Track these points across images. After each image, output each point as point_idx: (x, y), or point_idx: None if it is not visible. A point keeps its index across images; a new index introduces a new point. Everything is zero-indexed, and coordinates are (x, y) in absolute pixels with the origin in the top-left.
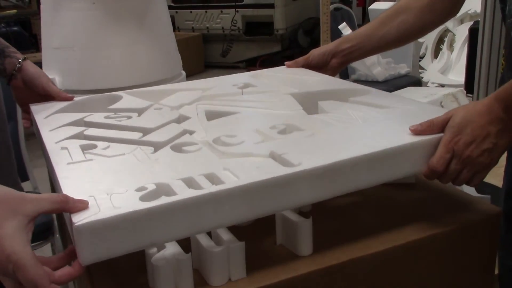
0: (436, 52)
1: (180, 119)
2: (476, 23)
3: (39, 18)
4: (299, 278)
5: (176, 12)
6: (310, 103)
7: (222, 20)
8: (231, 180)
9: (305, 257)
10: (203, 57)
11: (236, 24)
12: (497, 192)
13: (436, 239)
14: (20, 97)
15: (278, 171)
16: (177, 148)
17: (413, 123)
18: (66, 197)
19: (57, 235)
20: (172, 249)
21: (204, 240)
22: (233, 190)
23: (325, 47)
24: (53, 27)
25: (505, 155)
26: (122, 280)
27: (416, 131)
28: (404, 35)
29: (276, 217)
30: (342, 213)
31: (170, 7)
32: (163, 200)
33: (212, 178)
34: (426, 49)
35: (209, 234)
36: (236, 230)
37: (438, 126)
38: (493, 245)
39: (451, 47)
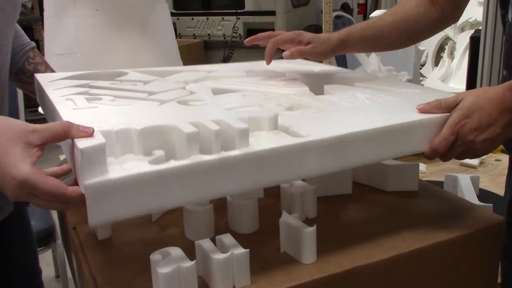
0: (437, 60)
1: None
2: (477, 31)
3: (41, 24)
4: (303, 286)
5: (178, 18)
6: (315, 86)
7: (223, 27)
8: (239, 125)
9: (309, 265)
10: (204, 63)
11: (238, 31)
12: (499, 201)
13: (439, 248)
14: None
15: (287, 140)
16: (183, 102)
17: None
18: (70, 124)
19: (59, 241)
20: (176, 256)
21: (208, 247)
22: (242, 156)
23: (330, 44)
24: (56, 34)
25: (507, 164)
26: (127, 287)
27: (423, 110)
28: (412, 41)
29: (280, 225)
30: (345, 221)
31: (171, 14)
32: (173, 164)
33: (220, 123)
34: (426, 56)
35: (214, 241)
36: (240, 237)
37: (446, 106)
38: (495, 254)
39: (451, 55)
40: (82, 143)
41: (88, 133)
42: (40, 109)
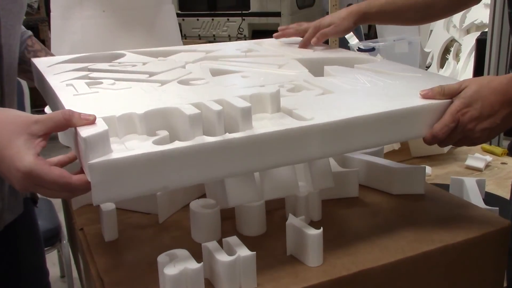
0: (442, 62)
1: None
2: (483, 33)
3: (48, 25)
4: None
5: (183, 19)
6: (315, 67)
7: (228, 28)
8: (241, 104)
9: (315, 267)
10: None
11: (243, 32)
12: (505, 204)
13: (445, 251)
14: None
15: (291, 123)
16: (184, 82)
17: (421, 89)
18: (71, 113)
19: (65, 242)
20: (183, 258)
21: (215, 249)
22: (246, 139)
23: (351, 18)
24: (63, 35)
25: None
26: None
27: (426, 96)
28: (428, 19)
29: (286, 228)
30: (351, 224)
31: (177, 15)
32: (177, 144)
33: (222, 103)
34: (432, 58)
35: (220, 243)
36: (247, 239)
37: (449, 93)
38: (502, 257)
39: (457, 57)
40: (85, 132)
41: (90, 120)
42: (46, 109)
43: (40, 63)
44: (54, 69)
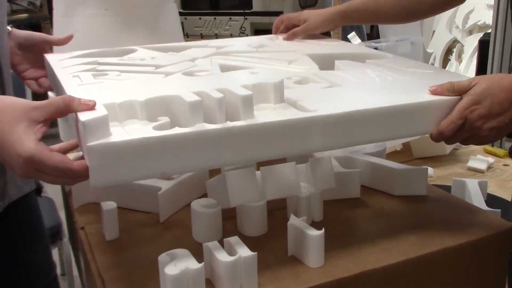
0: (445, 63)
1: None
2: (486, 34)
3: (50, 22)
4: None
5: (185, 18)
6: (326, 63)
7: (230, 27)
8: (243, 92)
9: (316, 268)
10: None
11: (245, 31)
12: (507, 206)
13: (447, 253)
14: (18, 63)
15: (294, 114)
16: (189, 74)
17: (431, 85)
18: (71, 98)
19: (65, 240)
20: (185, 258)
21: (216, 249)
22: (247, 127)
23: (327, 14)
24: (66, 33)
25: None
26: (134, 287)
27: (435, 92)
28: (412, 17)
29: (288, 228)
30: (353, 225)
31: (179, 13)
32: (177, 130)
33: (223, 91)
34: (434, 59)
35: (222, 244)
36: (248, 239)
37: (458, 90)
38: (503, 260)
39: (459, 58)
40: (84, 116)
41: (90, 105)
42: (49, 94)
43: (52, 57)
44: (64, 63)
